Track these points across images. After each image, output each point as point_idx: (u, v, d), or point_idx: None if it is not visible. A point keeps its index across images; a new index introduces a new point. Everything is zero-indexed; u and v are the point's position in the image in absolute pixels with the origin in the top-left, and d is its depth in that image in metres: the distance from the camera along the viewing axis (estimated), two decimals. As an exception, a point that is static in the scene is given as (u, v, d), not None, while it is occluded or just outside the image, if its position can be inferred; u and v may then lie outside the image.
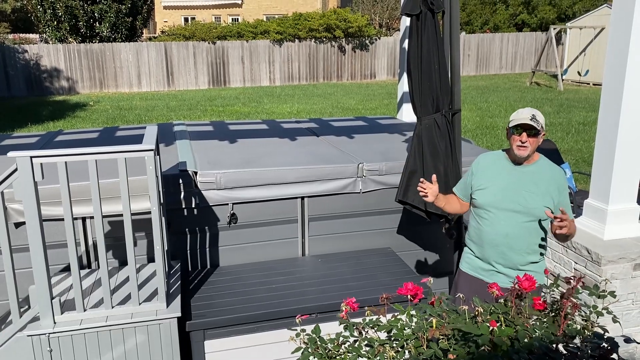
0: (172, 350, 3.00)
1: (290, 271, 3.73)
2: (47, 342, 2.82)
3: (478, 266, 3.09)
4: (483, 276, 3.06)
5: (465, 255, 3.19)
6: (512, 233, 2.91)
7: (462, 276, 3.17)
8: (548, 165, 2.96)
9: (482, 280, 3.05)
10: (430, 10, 3.49)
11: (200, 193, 3.65)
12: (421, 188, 3.00)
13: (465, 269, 3.17)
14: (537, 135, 2.83)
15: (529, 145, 2.83)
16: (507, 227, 2.92)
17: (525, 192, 2.89)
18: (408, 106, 5.47)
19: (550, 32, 19.12)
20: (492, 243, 2.98)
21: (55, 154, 2.67)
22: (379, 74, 22.79)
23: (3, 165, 3.72)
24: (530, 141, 2.82)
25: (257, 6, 31.27)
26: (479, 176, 3.06)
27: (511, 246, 2.92)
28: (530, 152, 2.86)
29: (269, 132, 5.17)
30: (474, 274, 3.11)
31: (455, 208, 3.22)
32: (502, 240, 2.93)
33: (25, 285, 3.08)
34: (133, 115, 14.52)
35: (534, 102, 15.65)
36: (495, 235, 2.95)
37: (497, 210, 2.94)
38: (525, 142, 2.82)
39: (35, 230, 2.69)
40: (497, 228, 2.94)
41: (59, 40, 20.37)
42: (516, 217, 2.90)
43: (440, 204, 3.13)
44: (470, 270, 3.14)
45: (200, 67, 20.57)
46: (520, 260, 2.94)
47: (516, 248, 2.92)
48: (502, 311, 1.61)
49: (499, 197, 2.94)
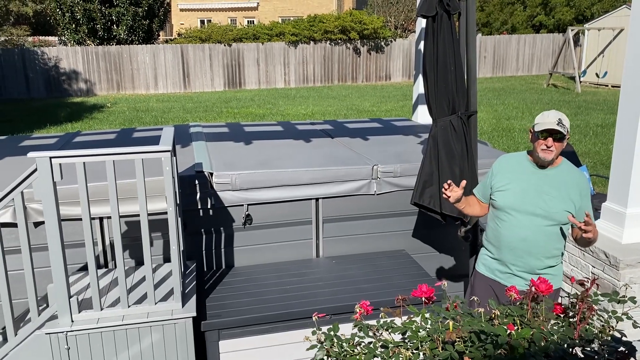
0: (187, 350, 3.02)
1: (304, 272, 3.73)
2: (64, 340, 2.86)
3: (495, 268, 3.06)
4: (500, 278, 3.04)
5: (482, 257, 3.17)
6: (530, 237, 2.87)
7: (478, 277, 3.15)
8: (570, 169, 2.92)
9: (498, 282, 3.04)
10: (446, 12, 3.48)
11: (216, 194, 3.68)
12: (445, 190, 2.98)
13: (482, 270, 3.15)
14: (563, 139, 2.79)
15: (554, 150, 2.79)
16: (526, 230, 2.88)
17: (546, 195, 2.85)
18: (423, 108, 5.45)
19: (568, 33, 18.91)
20: (509, 246, 2.94)
21: (74, 154, 2.71)
22: (394, 76, 22.73)
23: (23, 166, 3.78)
24: (556, 145, 2.79)
25: (273, 8, 31.39)
26: (499, 177, 3.03)
27: (529, 250, 2.89)
28: (555, 156, 2.83)
29: (284, 134, 5.19)
30: (490, 275, 3.09)
31: (475, 210, 3.18)
32: (521, 243, 2.90)
33: (44, 284, 3.12)
34: (150, 116, 14.66)
35: (551, 104, 15.49)
36: (513, 239, 2.92)
37: (517, 213, 2.91)
38: (550, 146, 2.78)
39: (54, 229, 2.73)
40: (515, 231, 2.91)
41: (77, 43, 20.65)
42: (536, 220, 2.86)
43: (460, 206, 3.10)
44: (487, 271, 3.12)
45: (216, 69, 20.71)
46: (537, 265, 2.91)
47: (534, 252, 2.88)
48: (518, 314, 1.60)
49: (519, 199, 2.90)
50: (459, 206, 3.10)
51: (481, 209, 3.18)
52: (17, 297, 3.14)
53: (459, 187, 2.99)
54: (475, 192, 3.22)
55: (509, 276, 2.99)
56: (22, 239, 2.78)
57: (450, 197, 2.99)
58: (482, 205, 3.17)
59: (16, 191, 2.73)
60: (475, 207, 3.18)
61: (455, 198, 3.00)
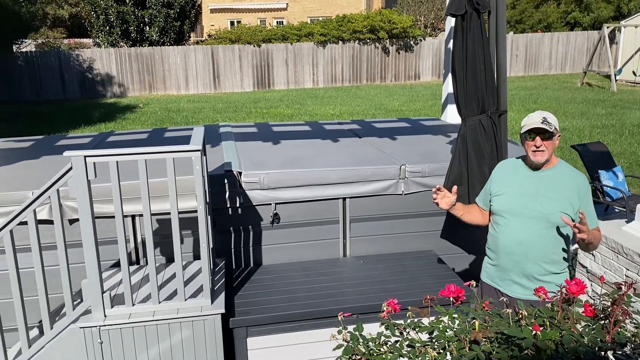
0: (215, 346, 3.07)
1: (331, 271, 3.75)
2: (97, 334, 2.93)
3: (495, 275, 2.99)
4: (499, 286, 2.96)
5: (484, 264, 3.10)
6: (526, 240, 2.79)
7: (482, 286, 3.08)
8: (567, 169, 2.84)
9: (498, 290, 2.96)
10: (475, 10, 3.44)
11: (245, 193, 3.72)
12: (435, 193, 2.94)
13: (484, 278, 3.08)
14: (552, 137, 2.72)
15: (545, 149, 2.73)
16: (521, 234, 2.80)
17: (541, 197, 2.77)
18: (453, 107, 5.40)
19: (603, 30, 18.44)
20: (506, 251, 2.86)
21: (107, 153, 2.78)
22: (424, 75, 22.55)
23: (59, 165, 3.89)
24: (546, 144, 2.72)
25: (302, 9, 31.49)
26: (497, 182, 2.98)
27: (526, 254, 2.80)
28: (548, 156, 2.76)
29: (312, 134, 5.21)
30: (491, 283, 3.02)
31: (475, 218, 3.11)
32: (517, 248, 2.82)
33: (78, 280, 3.21)
34: (181, 117, 14.89)
35: (585, 103, 15.13)
36: (509, 243, 2.84)
37: (512, 217, 2.83)
38: (540, 146, 2.73)
39: (88, 227, 2.81)
40: (511, 235, 2.83)
41: (111, 45, 21.11)
42: (531, 223, 2.78)
43: (457, 213, 3.04)
44: (488, 279, 3.04)
45: (246, 70, 20.90)
46: (536, 270, 2.80)
47: (531, 257, 2.79)
48: (547, 315, 1.58)
49: (514, 202, 2.84)
50: (457, 213, 3.04)
51: (482, 217, 3.10)
52: (53, 292, 3.24)
53: (452, 192, 2.94)
54: (477, 200, 3.17)
55: (508, 283, 2.90)
56: (58, 236, 2.86)
57: (441, 203, 2.94)
58: (484, 213, 3.10)
59: (52, 189, 2.81)
60: (475, 215, 3.11)
61: (448, 204, 2.94)
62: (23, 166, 4.11)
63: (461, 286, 1.94)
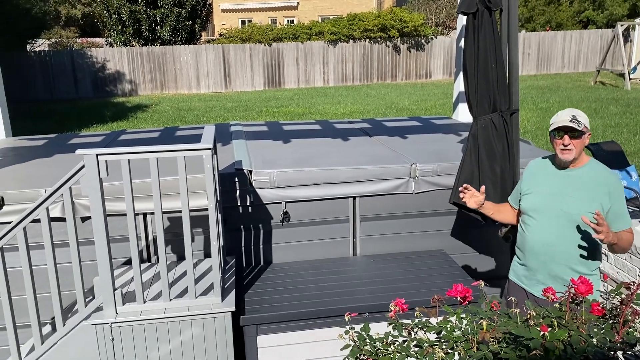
0: (226, 344, 3.08)
1: (341, 270, 3.74)
2: (109, 331, 2.96)
3: (522, 274, 2.98)
4: (526, 285, 2.94)
5: (513, 263, 3.09)
6: (552, 241, 2.76)
7: (510, 285, 3.08)
8: (598, 168, 2.77)
9: (524, 290, 2.95)
10: (487, 8, 3.42)
11: (255, 191, 3.73)
12: (463, 192, 2.93)
13: (512, 277, 3.08)
14: (581, 136, 2.67)
15: (573, 148, 2.68)
16: (548, 234, 2.77)
17: (569, 197, 2.72)
18: (464, 106, 5.36)
19: (617, 28, 18.24)
20: (532, 251, 2.85)
21: (119, 152, 2.80)
22: (435, 74, 22.45)
23: (71, 163, 3.93)
24: (574, 143, 2.67)
25: (313, 8, 31.48)
26: (527, 181, 2.96)
27: (552, 255, 2.77)
28: (577, 155, 2.70)
29: (322, 133, 5.21)
30: (518, 282, 3.01)
31: (507, 217, 3.10)
32: (542, 248, 2.79)
33: (90, 277, 3.24)
34: (192, 116, 14.96)
35: (599, 102, 14.98)
36: (535, 243, 2.82)
37: (540, 216, 2.81)
38: (568, 144, 2.67)
39: (100, 224, 2.83)
40: (538, 235, 2.81)
41: (123, 44, 21.26)
42: (557, 223, 2.74)
43: (487, 212, 3.02)
44: (515, 278, 3.04)
45: (256, 69, 20.94)
46: (563, 271, 2.76)
47: (557, 257, 2.76)
48: (555, 315, 1.57)
49: (541, 202, 2.81)
50: (487, 212, 3.02)
51: (514, 215, 3.09)
52: (65, 289, 3.27)
53: (480, 192, 2.93)
54: (509, 199, 3.16)
55: (534, 283, 2.89)
56: (70, 233, 2.89)
57: (469, 202, 2.92)
58: (515, 211, 3.09)
59: (65, 187, 2.84)
60: (507, 214, 3.10)
61: (477, 203, 2.93)
62: (36, 164, 4.15)
63: (469, 286, 1.93)
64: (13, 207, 3.40)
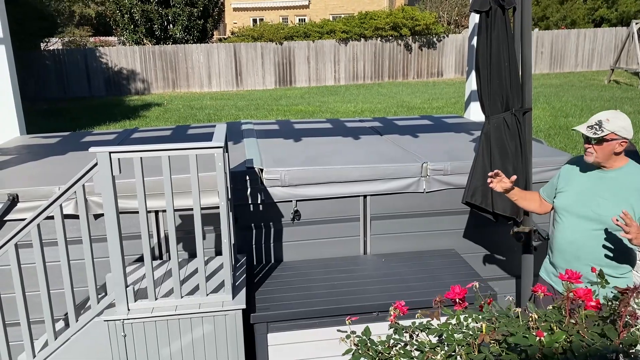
0: (236, 341, 3.09)
1: (351, 269, 3.74)
2: (121, 328, 2.98)
3: (550, 271, 3.01)
4: (554, 282, 2.97)
5: (544, 261, 3.13)
6: (578, 241, 2.76)
7: (540, 282, 3.10)
8: (633, 171, 2.73)
9: (551, 286, 2.97)
10: (500, 7, 3.40)
11: (266, 190, 3.74)
12: (491, 178, 2.93)
13: (542, 273, 3.12)
14: (602, 142, 2.66)
15: (593, 152, 2.70)
16: (574, 233, 2.77)
17: (600, 198, 2.72)
18: (476, 105, 5.34)
19: (632, 26, 18.02)
20: (559, 249, 2.87)
21: (132, 149, 2.81)
22: (447, 72, 22.34)
23: (85, 161, 3.96)
24: (596, 148, 2.69)
25: (324, 6, 31.47)
26: (563, 178, 2.98)
27: (577, 255, 2.77)
28: (600, 159, 2.71)
29: (333, 131, 5.21)
30: (547, 279, 3.04)
31: (531, 205, 3.11)
32: (568, 247, 2.80)
33: (103, 274, 3.26)
34: (203, 114, 15.02)
35: (612, 101, 14.82)
36: (562, 241, 2.84)
37: (570, 215, 2.82)
38: (588, 148, 2.71)
39: (113, 222, 2.85)
40: (565, 234, 2.82)
41: (135, 43, 21.41)
42: (585, 224, 2.74)
43: (512, 197, 3.04)
44: (545, 274, 3.08)
45: (268, 68, 20.97)
46: (588, 272, 2.66)
47: (582, 258, 2.75)
48: (555, 319, 1.55)
49: (573, 201, 2.81)
50: (512, 197, 3.04)
51: (540, 206, 3.11)
52: (78, 285, 3.30)
53: (509, 180, 2.94)
54: (541, 191, 3.16)
55: (560, 281, 2.89)
56: (83, 230, 2.92)
57: (497, 187, 2.94)
58: (543, 203, 3.10)
59: (78, 184, 2.87)
60: (532, 203, 3.11)
61: (503, 187, 2.95)
62: (50, 162, 4.20)
63: (482, 286, 1.92)
64: (27, 204, 3.44)
